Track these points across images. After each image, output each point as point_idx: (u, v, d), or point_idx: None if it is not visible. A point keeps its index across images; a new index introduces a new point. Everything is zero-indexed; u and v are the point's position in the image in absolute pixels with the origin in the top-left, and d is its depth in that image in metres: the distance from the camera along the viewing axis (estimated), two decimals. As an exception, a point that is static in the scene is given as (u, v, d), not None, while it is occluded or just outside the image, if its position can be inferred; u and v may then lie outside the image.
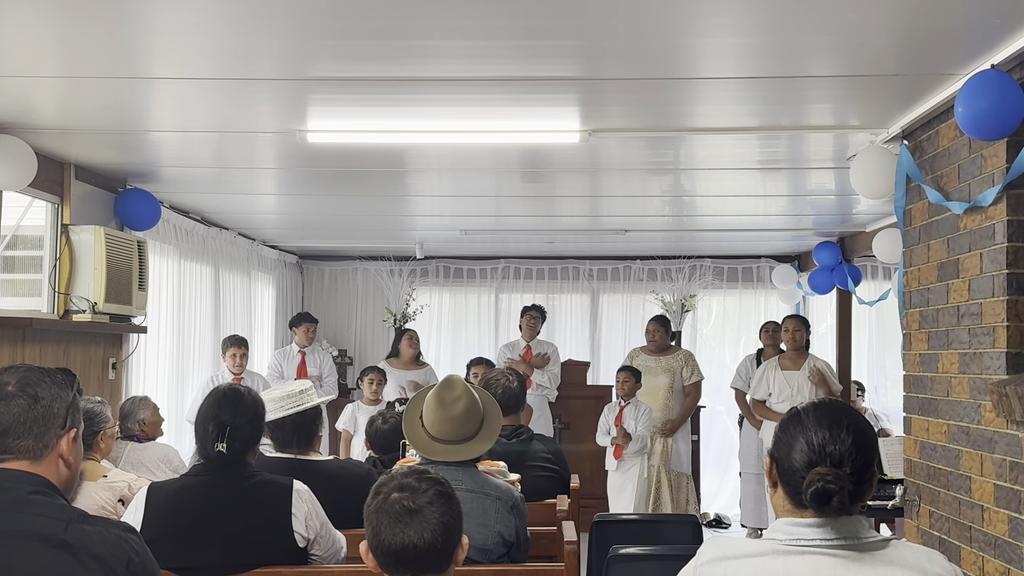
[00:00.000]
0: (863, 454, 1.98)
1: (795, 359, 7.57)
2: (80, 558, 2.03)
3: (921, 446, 4.35)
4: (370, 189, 6.63)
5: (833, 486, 1.91)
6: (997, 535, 3.57)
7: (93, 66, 3.84)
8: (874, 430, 2.10)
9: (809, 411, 2.04)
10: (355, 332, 10.52)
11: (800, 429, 2.01)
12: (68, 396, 2.19)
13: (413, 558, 2.16)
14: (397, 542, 2.15)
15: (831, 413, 2.02)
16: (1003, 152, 3.55)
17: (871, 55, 3.62)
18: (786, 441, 2.03)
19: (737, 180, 6.22)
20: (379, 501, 2.21)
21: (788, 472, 2.00)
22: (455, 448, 3.24)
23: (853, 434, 1.98)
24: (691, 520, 5.10)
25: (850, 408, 2.08)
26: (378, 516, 2.19)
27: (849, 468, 1.95)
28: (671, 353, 8.37)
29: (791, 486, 2.00)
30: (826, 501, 1.91)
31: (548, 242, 9.32)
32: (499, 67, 3.79)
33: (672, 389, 8.20)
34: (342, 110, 4.49)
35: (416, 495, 2.19)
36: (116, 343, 6.05)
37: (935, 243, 4.19)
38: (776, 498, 2.05)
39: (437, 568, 2.19)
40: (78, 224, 5.52)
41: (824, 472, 1.93)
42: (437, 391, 3.28)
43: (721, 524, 9.32)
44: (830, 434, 1.98)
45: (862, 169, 4.59)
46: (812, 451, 1.97)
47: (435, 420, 3.24)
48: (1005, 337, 3.54)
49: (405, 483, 2.23)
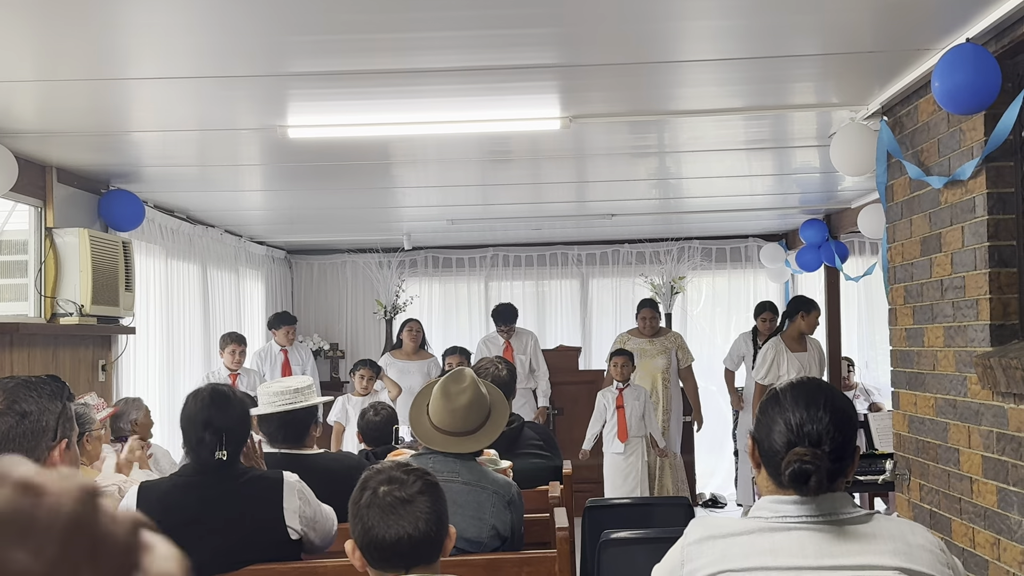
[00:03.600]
0: (842, 432, 1.99)
1: (800, 340, 7.53)
2: None
3: (909, 420, 4.37)
4: (355, 182, 6.62)
5: (810, 466, 1.92)
6: (986, 506, 3.59)
7: (71, 69, 3.83)
8: (853, 407, 2.11)
9: (787, 391, 2.05)
10: (346, 325, 10.52)
11: (779, 410, 2.02)
12: (57, 407, 2.20)
13: (408, 550, 2.13)
14: (392, 535, 2.13)
15: (808, 392, 2.03)
16: (981, 125, 3.57)
17: (848, 32, 3.63)
18: (766, 423, 2.04)
19: (722, 161, 6.23)
20: (368, 496, 2.18)
21: (769, 453, 2.02)
22: (456, 440, 3.25)
23: (831, 412, 1.99)
24: (683, 502, 5.13)
25: (828, 386, 2.09)
26: (368, 511, 2.16)
27: (828, 447, 1.97)
28: (663, 335, 8.39)
29: (772, 466, 2.01)
30: (804, 481, 1.93)
31: (536, 229, 9.32)
32: (478, 57, 3.79)
33: (670, 370, 8.22)
34: (322, 105, 4.48)
35: (405, 486, 2.17)
36: (105, 345, 6.05)
37: (917, 218, 4.21)
38: (761, 478, 2.07)
39: (428, 559, 2.17)
40: (62, 227, 5.50)
41: (802, 453, 1.94)
42: (444, 382, 3.30)
43: (717, 504, 9.36)
44: (807, 413, 1.99)
45: (842, 147, 4.60)
46: (791, 431, 1.99)
47: (439, 411, 3.25)
48: (988, 309, 3.57)
49: (393, 476, 2.20)
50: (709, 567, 1.96)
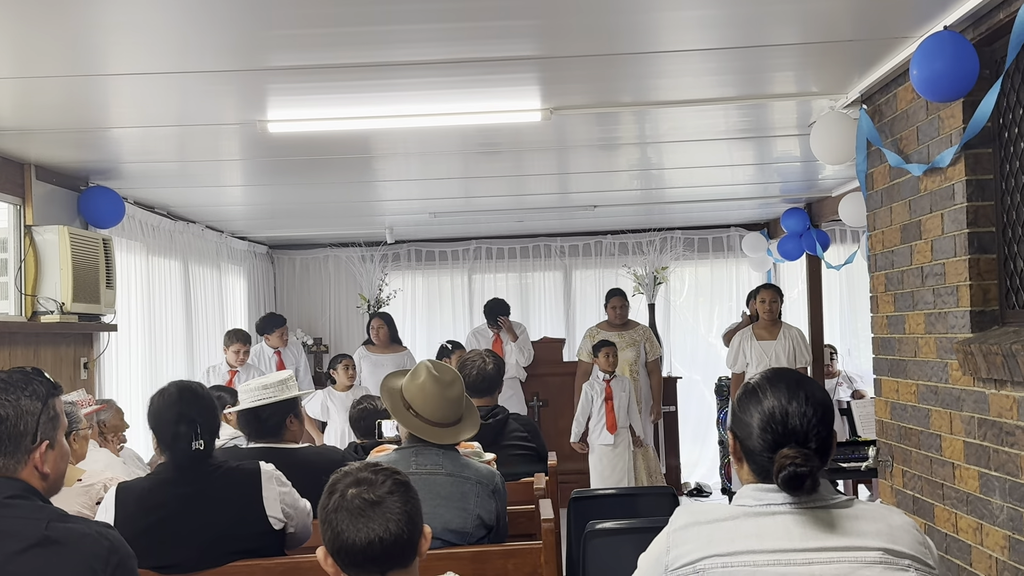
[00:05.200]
0: (826, 425, 2.00)
1: (770, 328, 7.57)
2: (62, 554, 2.06)
3: (892, 407, 4.40)
4: (337, 176, 6.61)
5: (804, 468, 1.92)
6: (968, 491, 3.62)
7: (49, 66, 3.80)
8: (828, 394, 2.10)
9: (764, 386, 2.03)
10: (329, 320, 10.51)
11: (757, 407, 2.01)
12: (36, 408, 2.17)
13: (380, 553, 2.04)
14: (362, 538, 2.03)
15: (787, 387, 2.01)
16: (960, 113, 3.58)
17: (827, 21, 3.64)
18: (745, 420, 2.02)
19: (703, 151, 6.24)
20: (336, 500, 2.09)
21: (752, 452, 2.02)
22: (446, 431, 3.28)
23: (813, 406, 1.99)
24: (668, 492, 5.14)
25: (804, 378, 2.07)
26: (337, 515, 2.07)
27: (814, 443, 1.97)
28: (632, 328, 8.38)
29: (756, 463, 2.02)
30: (799, 485, 1.93)
31: (518, 221, 9.32)
32: (458, 49, 3.78)
33: (638, 362, 8.24)
34: (302, 99, 4.46)
35: (374, 487, 2.08)
36: (87, 342, 6.02)
37: (897, 206, 4.23)
38: (743, 473, 2.08)
39: (403, 562, 2.08)
40: (41, 224, 5.47)
41: (792, 456, 1.93)
42: (434, 377, 3.28)
43: (702, 493, 9.41)
44: (789, 409, 1.98)
45: (822, 135, 4.62)
46: (775, 429, 1.97)
47: (436, 405, 3.26)
48: (968, 296, 3.59)
49: (361, 477, 2.11)
50: (695, 552, 1.97)
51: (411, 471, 3.15)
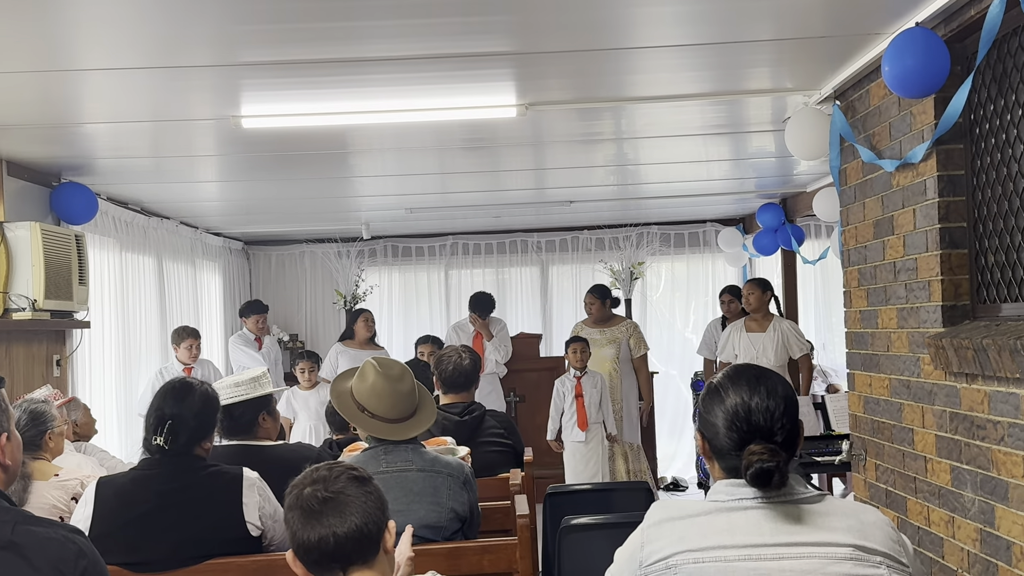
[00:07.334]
0: (789, 417, 2.01)
1: (760, 321, 7.58)
2: (29, 559, 2.02)
3: (865, 401, 4.43)
4: (312, 172, 6.58)
5: (771, 464, 1.93)
6: (940, 484, 3.65)
7: (19, 61, 3.76)
8: (791, 386, 2.11)
9: (726, 385, 2.04)
10: (305, 316, 10.48)
11: (721, 406, 2.03)
12: None
13: (334, 549, 2.03)
14: (315, 535, 2.03)
15: (748, 383, 2.03)
16: (931, 109, 3.61)
17: (801, 18, 3.65)
18: (711, 421, 2.04)
19: (679, 146, 6.26)
20: (291, 499, 2.09)
21: (720, 452, 2.03)
22: (401, 427, 3.27)
23: (774, 399, 2.00)
24: (643, 487, 5.17)
25: (765, 372, 2.08)
26: (292, 514, 2.07)
27: (780, 436, 1.98)
28: (615, 324, 8.18)
29: (726, 462, 2.03)
30: (767, 481, 1.94)
31: (495, 216, 9.32)
32: (432, 44, 3.77)
33: (619, 359, 8.04)
34: (276, 94, 4.44)
35: (328, 483, 2.08)
36: (59, 340, 5.97)
37: (870, 201, 4.25)
38: (715, 470, 2.09)
39: (364, 558, 2.06)
40: (13, 221, 5.41)
41: (759, 452, 1.95)
42: (382, 374, 3.28)
43: (679, 487, 9.44)
44: (752, 405, 1.99)
45: (796, 131, 4.64)
46: (739, 429, 1.99)
47: (391, 402, 3.25)
48: (940, 291, 3.62)
49: (317, 476, 2.11)
50: (668, 548, 1.98)
51: (382, 470, 3.15)
